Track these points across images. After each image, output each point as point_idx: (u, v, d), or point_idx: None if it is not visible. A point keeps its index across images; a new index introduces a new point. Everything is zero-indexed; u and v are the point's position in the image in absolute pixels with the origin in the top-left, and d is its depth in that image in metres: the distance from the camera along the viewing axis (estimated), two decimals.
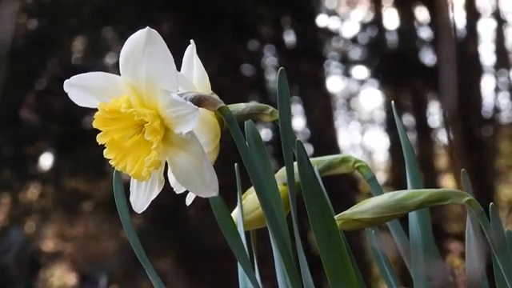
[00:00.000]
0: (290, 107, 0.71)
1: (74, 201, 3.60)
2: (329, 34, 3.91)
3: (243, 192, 0.79)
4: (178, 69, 0.69)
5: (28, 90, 3.45)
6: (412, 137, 3.76)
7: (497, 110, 3.75)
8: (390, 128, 3.87)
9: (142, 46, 0.63)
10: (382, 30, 3.97)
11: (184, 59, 0.73)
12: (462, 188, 0.76)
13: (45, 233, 3.75)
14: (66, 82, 0.66)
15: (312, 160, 0.76)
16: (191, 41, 0.72)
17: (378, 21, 4.01)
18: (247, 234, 0.78)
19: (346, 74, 3.95)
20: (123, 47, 0.64)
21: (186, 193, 0.71)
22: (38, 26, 3.48)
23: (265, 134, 3.25)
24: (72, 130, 3.35)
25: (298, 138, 0.67)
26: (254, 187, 0.68)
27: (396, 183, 3.64)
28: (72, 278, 3.91)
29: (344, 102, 4.17)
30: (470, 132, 3.35)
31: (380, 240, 0.80)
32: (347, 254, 0.67)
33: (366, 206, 0.71)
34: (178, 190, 0.70)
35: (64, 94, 0.67)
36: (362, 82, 4.05)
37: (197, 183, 0.64)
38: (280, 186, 0.75)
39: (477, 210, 0.70)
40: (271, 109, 0.75)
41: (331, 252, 0.66)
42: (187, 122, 0.62)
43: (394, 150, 3.86)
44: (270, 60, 3.87)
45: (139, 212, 0.68)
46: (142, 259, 0.75)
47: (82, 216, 3.75)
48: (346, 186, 3.31)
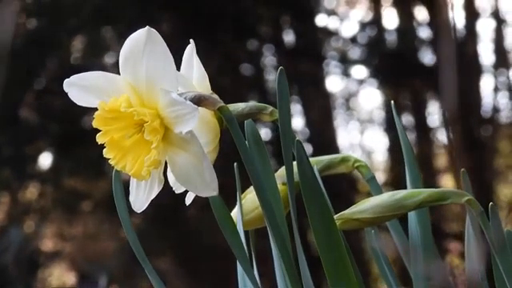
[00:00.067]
0: (290, 107, 0.71)
1: (73, 200, 3.60)
2: (328, 33, 3.91)
3: (243, 192, 0.79)
4: (178, 68, 0.69)
5: (27, 90, 3.44)
6: (411, 136, 3.76)
7: (496, 109, 3.75)
8: (389, 128, 3.87)
9: (142, 46, 0.63)
10: (382, 30, 3.97)
11: (184, 59, 0.72)
12: (461, 188, 0.76)
13: (44, 232, 3.75)
14: (66, 81, 0.66)
15: (311, 160, 0.76)
16: (191, 40, 0.72)
17: (377, 20, 4.01)
18: (247, 233, 0.78)
19: (346, 73, 3.95)
20: (123, 46, 0.64)
21: (186, 192, 0.70)
22: (38, 26, 3.48)
23: (264, 133, 3.25)
24: (71, 130, 3.35)
25: (297, 138, 0.67)
26: (253, 187, 0.68)
27: (395, 183, 3.64)
28: (71, 278, 3.91)
29: (343, 102, 4.17)
30: (469, 132, 3.35)
31: (379, 240, 0.80)
32: (347, 253, 0.67)
33: (366, 206, 0.71)
34: (178, 189, 0.70)
35: (63, 94, 0.66)
36: (361, 82, 4.05)
37: (196, 183, 0.64)
38: (279, 186, 0.75)
39: (476, 209, 0.70)
40: (271, 108, 0.75)
41: (331, 252, 0.66)
42: (187, 122, 0.62)
43: (393, 149, 3.86)
44: (270, 60, 3.87)
45: (139, 211, 0.68)
46: (141, 259, 0.75)
47: (81, 216, 3.75)
48: (345, 185, 3.31)
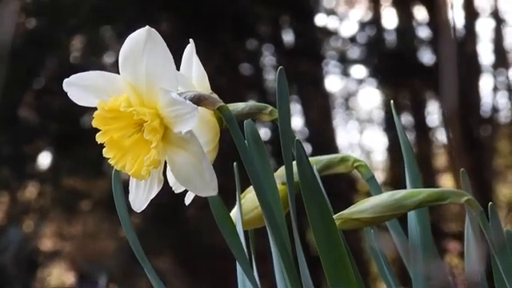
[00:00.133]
0: (289, 106, 0.71)
1: (72, 200, 3.60)
2: (327, 33, 3.91)
3: (242, 191, 0.79)
4: (178, 68, 0.69)
5: (26, 89, 3.44)
6: (410, 136, 3.76)
7: (495, 109, 3.75)
8: (388, 127, 3.87)
9: (142, 45, 0.63)
10: (381, 30, 3.97)
11: (183, 58, 0.72)
12: (460, 187, 0.76)
13: (43, 232, 3.75)
14: (66, 81, 0.66)
15: (311, 159, 0.76)
16: (190, 40, 0.72)
17: (376, 20, 4.01)
18: (246, 233, 0.78)
19: (345, 73, 3.95)
20: (123, 46, 0.64)
21: (185, 192, 0.70)
22: (37, 26, 3.48)
23: (263, 133, 3.25)
24: (70, 129, 3.35)
25: (296, 138, 0.67)
26: (253, 186, 0.68)
27: (394, 183, 3.64)
28: (70, 278, 3.91)
29: (342, 102, 4.17)
30: (468, 132, 3.35)
31: (379, 239, 0.80)
32: (346, 253, 0.67)
33: (365, 206, 0.71)
34: (177, 189, 0.70)
35: (63, 93, 0.66)
36: (360, 82, 4.05)
37: (196, 182, 0.64)
38: (279, 186, 0.75)
39: (476, 209, 0.70)
40: (270, 108, 0.75)
41: (330, 251, 0.66)
42: (186, 121, 0.61)
43: (393, 149, 3.86)
44: (269, 59, 3.87)
45: (138, 211, 0.68)
46: (140, 258, 0.74)
47: (81, 215, 3.75)
48: (344, 185, 3.31)
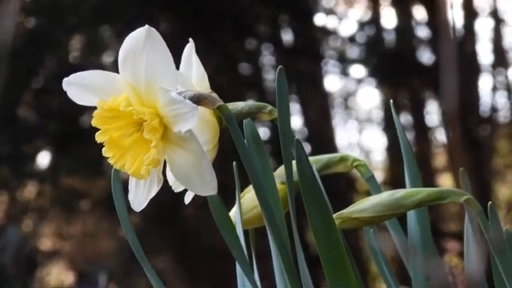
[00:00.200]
0: (289, 106, 0.71)
1: (71, 199, 3.60)
2: (326, 32, 3.91)
3: (242, 191, 0.79)
4: (177, 68, 0.69)
5: (26, 89, 3.44)
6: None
7: (494, 109, 3.75)
8: (387, 127, 3.87)
9: (142, 44, 0.63)
10: (380, 29, 3.97)
11: (183, 58, 0.72)
12: (460, 187, 0.76)
13: (42, 231, 3.75)
14: (65, 80, 0.66)
15: (310, 159, 0.76)
16: (190, 39, 0.72)
17: (375, 20, 4.01)
18: (246, 233, 0.78)
19: (344, 72, 3.95)
20: (122, 45, 0.64)
21: (185, 191, 0.70)
22: (36, 25, 3.48)
23: (262, 132, 3.25)
24: (69, 129, 3.35)
25: (296, 137, 0.67)
26: (252, 186, 0.68)
27: (394, 182, 3.64)
28: (69, 277, 3.91)
29: (341, 101, 4.17)
30: (467, 131, 3.35)
31: (378, 239, 0.80)
32: (346, 252, 0.67)
33: (365, 205, 0.71)
34: (177, 188, 0.70)
35: (62, 93, 0.66)
36: (359, 81, 4.05)
37: (196, 182, 0.64)
38: (279, 185, 0.74)
39: (476, 209, 0.70)
40: (270, 107, 0.74)
41: (330, 251, 0.66)
42: (186, 121, 0.61)
43: (392, 148, 3.86)
44: (268, 59, 3.87)
45: (138, 210, 0.68)
46: (140, 258, 0.74)
47: (80, 214, 3.75)
48: (343, 185, 3.31)
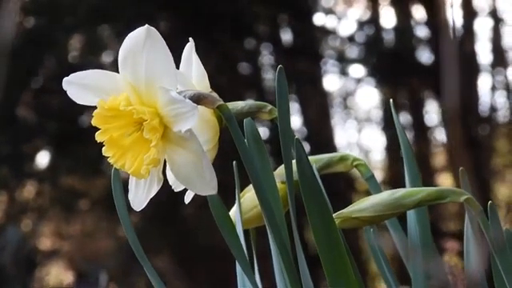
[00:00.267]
0: (289, 105, 0.71)
1: (70, 199, 3.60)
2: (326, 32, 3.91)
3: (242, 190, 0.79)
4: (177, 67, 0.69)
5: (25, 89, 3.44)
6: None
7: (493, 108, 3.75)
8: (386, 126, 3.87)
9: (142, 44, 0.63)
10: (379, 29, 3.97)
11: (183, 57, 0.72)
12: (460, 186, 0.76)
13: (41, 231, 3.75)
14: (65, 79, 0.66)
15: (310, 158, 0.76)
16: (190, 39, 0.72)
17: (374, 19, 4.01)
18: (246, 232, 0.78)
19: (343, 72, 3.96)
20: (122, 45, 0.64)
21: (185, 191, 0.70)
22: (35, 25, 3.48)
23: (262, 132, 3.24)
24: (69, 129, 3.35)
25: (296, 137, 0.67)
26: (252, 185, 0.68)
27: (393, 182, 3.65)
28: (68, 276, 3.91)
29: (341, 101, 4.17)
30: (467, 131, 3.35)
31: (378, 238, 0.80)
32: (346, 252, 0.67)
33: (365, 205, 0.71)
34: (177, 187, 0.70)
35: (61, 92, 0.66)
36: (358, 81, 4.06)
37: (196, 181, 0.63)
38: (279, 185, 0.74)
39: (476, 208, 0.70)
40: (270, 107, 0.74)
41: (330, 250, 0.66)
42: (186, 120, 0.61)
43: (391, 148, 3.86)
44: (267, 58, 3.87)
45: (138, 210, 0.68)
46: (140, 257, 0.74)
47: (79, 214, 3.75)
48: (342, 184, 3.31)
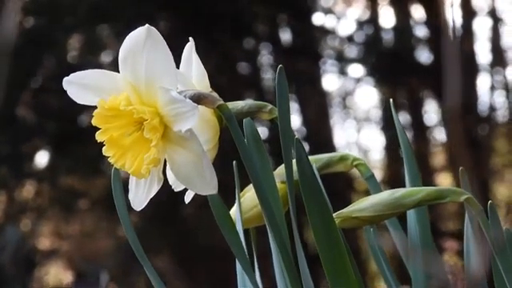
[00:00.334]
0: (289, 105, 0.71)
1: (69, 199, 3.60)
2: (325, 32, 3.91)
3: (242, 190, 0.79)
4: (177, 67, 0.69)
5: (24, 88, 3.44)
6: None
7: (492, 108, 3.75)
8: (385, 126, 3.88)
9: (142, 44, 0.63)
10: (378, 29, 3.97)
11: (183, 57, 0.72)
12: (459, 186, 0.76)
13: (41, 231, 3.75)
14: (65, 79, 0.66)
15: (310, 158, 0.76)
16: (190, 38, 0.72)
17: (374, 19, 4.01)
18: (246, 232, 0.78)
19: (342, 72, 3.96)
20: (122, 45, 0.64)
21: (185, 191, 0.70)
22: (35, 24, 3.48)
23: (260, 132, 3.24)
24: (68, 128, 3.34)
25: (296, 136, 0.67)
26: (252, 185, 0.68)
27: (392, 181, 3.65)
28: (68, 276, 3.91)
29: (340, 100, 4.17)
30: (466, 131, 3.35)
31: (378, 238, 0.80)
32: (346, 251, 0.67)
33: (365, 204, 0.71)
34: (177, 187, 0.70)
35: (60, 92, 0.66)
36: (357, 80, 4.06)
37: (196, 181, 0.63)
38: (278, 184, 0.74)
39: (476, 208, 0.70)
40: (270, 106, 0.74)
41: (330, 250, 0.66)
42: (186, 120, 0.61)
43: (390, 148, 3.87)
44: (266, 58, 3.87)
45: (138, 210, 0.68)
46: (140, 257, 0.74)
47: (78, 214, 3.75)
48: (342, 184, 3.32)
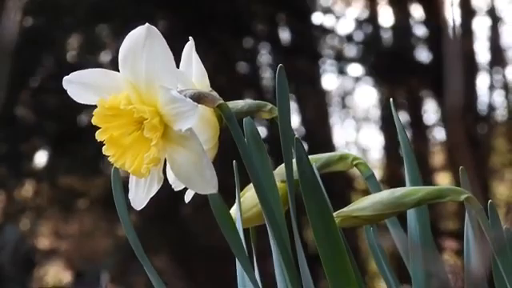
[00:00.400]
0: (289, 105, 0.71)
1: (69, 198, 3.60)
2: (324, 31, 3.91)
3: (242, 189, 0.79)
4: (177, 66, 0.69)
5: (23, 88, 3.44)
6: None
7: (492, 107, 3.76)
8: (385, 126, 3.88)
9: (142, 43, 0.62)
10: (378, 28, 3.97)
11: (183, 56, 0.72)
12: (459, 185, 0.76)
13: (40, 230, 3.75)
14: (65, 78, 0.66)
15: (310, 157, 0.76)
16: (190, 38, 0.72)
17: (373, 18, 4.01)
18: (246, 231, 0.78)
19: (341, 71, 3.96)
20: (122, 44, 0.64)
21: (185, 190, 0.70)
22: (34, 24, 3.48)
23: (261, 131, 3.25)
24: (67, 128, 3.34)
25: (296, 136, 0.67)
26: (252, 184, 0.68)
27: (391, 181, 3.65)
28: (67, 276, 3.90)
29: (339, 100, 4.17)
30: (466, 130, 3.35)
31: (378, 237, 0.80)
32: (346, 251, 0.67)
33: (365, 204, 0.71)
34: (177, 187, 0.70)
35: (59, 92, 0.66)
36: (357, 80, 4.06)
37: (196, 180, 0.63)
38: (278, 184, 0.74)
39: (476, 207, 0.70)
40: (270, 106, 0.74)
41: (330, 249, 0.66)
42: (186, 119, 0.61)
43: (389, 147, 3.87)
44: (266, 58, 3.87)
45: (138, 209, 0.68)
46: (140, 256, 0.74)
47: (77, 213, 3.75)
48: (341, 183, 3.31)
